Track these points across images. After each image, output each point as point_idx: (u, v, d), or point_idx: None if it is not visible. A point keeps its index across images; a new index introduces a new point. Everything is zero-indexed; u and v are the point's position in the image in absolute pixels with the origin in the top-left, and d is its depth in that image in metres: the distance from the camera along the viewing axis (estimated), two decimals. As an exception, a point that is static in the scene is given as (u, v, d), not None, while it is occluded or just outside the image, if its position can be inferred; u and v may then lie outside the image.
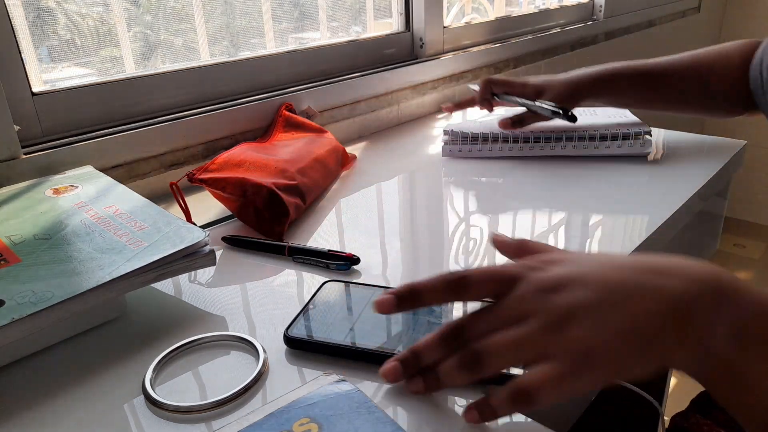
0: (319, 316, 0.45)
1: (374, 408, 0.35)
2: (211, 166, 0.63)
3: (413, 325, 0.43)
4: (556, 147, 0.78)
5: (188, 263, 0.47)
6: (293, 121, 0.82)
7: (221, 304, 0.50)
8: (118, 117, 0.73)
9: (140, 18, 0.79)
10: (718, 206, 0.84)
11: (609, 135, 0.76)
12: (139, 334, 0.46)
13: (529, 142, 0.79)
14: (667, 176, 0.71)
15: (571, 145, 0.77)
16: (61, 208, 0.54)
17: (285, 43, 0.95)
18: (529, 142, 0.79)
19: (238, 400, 0.38)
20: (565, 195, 0.69)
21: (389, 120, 1.03)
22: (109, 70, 0.76)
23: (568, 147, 0.77)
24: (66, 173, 0.63)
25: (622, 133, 0.76)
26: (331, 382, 0.37)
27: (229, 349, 0.44)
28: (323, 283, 0.49)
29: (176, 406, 0.37)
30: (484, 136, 0.81)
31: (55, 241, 0.48)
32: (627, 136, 0.76)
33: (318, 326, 0.43)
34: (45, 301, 0.40)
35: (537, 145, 0.78)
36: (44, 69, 0.70)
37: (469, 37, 1.21)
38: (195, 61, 0.83)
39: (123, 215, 0.52)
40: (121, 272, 0.43)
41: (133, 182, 0.72)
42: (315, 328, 0.43)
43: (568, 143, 0.77)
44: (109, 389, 0.40)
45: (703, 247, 0.85)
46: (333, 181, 0.77)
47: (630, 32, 1.72)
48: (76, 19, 0.73)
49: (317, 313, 0.45)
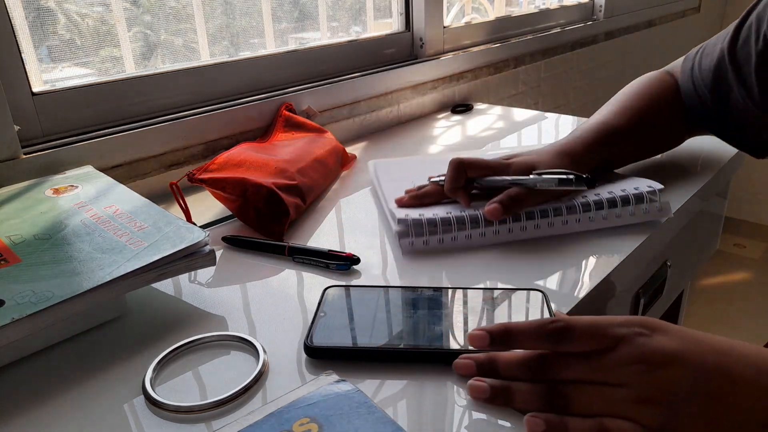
0: (333, 322, 0.44)
1: (374, 408, 0.35)
2: (211, 166, 0.63)
3: (431, 320, 0.44)
4: (555, 223, 0.58)
5: (188, 263, 0.47)
6: (293, 121, 0.82)
7: (221, 304, 0.50)
8: (118, 117, 0.73)
9: (140, 18, 0.79)
10: (718, 206, 0.84)
11: (618, 199, 0.59)
12: (139, 334, 0.46)
13: (520, 220, 0.58)
14: (667, 176, 0.71)
15: (574, 219, 0.58)
16: (61, 208, 0.54)
17: (285, 43, 0.95)
18: (520, 220, 0.58)
19: (238, 400, 0.38)
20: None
21: (389, 120, 1.03)
22: (109, 70, 0.76)
23: (571, 222, 0.58)
24: (66, 173, 0.63)
25: (633, 195, 0.59)
26: (331, 382, 0.37)
27: (229, 349, 0.44)
28: (325, 290, 0.48)
29: (176, 406, 0.37)
30: (457, 220, 0.58)
31: (55, 241, 0.48)
32: (640, 198, 0.59)
33: (337, 333, 0.43)
34: (45, 301, 0.40)
35: (531, 223, 0.58)
36: (44, 69, 0.70)
37: (469, 37, 1.21)
38: (195, 61, 0.83)
39: (123, 215, 0.52)
40: (121, 272, 0.43)
41: (133, 182, 0.71)
42: (335, 335, 0.43)
43: (571, 216, 0.58)
44: (109, 389, 0.40)
45: (704, 247, 0.85)
46: (333, 181, 0.77)
47: (630, 32, 1.72)
48: (76, 19, 0.73)
49: (331, 320, 0.44)
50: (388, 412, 0.35)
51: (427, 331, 0.43)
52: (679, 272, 0.76)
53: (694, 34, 2.16)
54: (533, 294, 0.47)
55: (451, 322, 0.44)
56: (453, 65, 1.12)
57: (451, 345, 0.42)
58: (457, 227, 0.57)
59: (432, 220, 0.57)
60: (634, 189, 0.60)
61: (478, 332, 0.39)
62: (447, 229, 0.57)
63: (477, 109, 1.11)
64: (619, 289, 0.56)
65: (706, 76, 0.68)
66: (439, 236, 0.57)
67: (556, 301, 0.48)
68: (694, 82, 0.70)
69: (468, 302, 0.47)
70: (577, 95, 1.58)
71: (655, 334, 0.36)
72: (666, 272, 0.68)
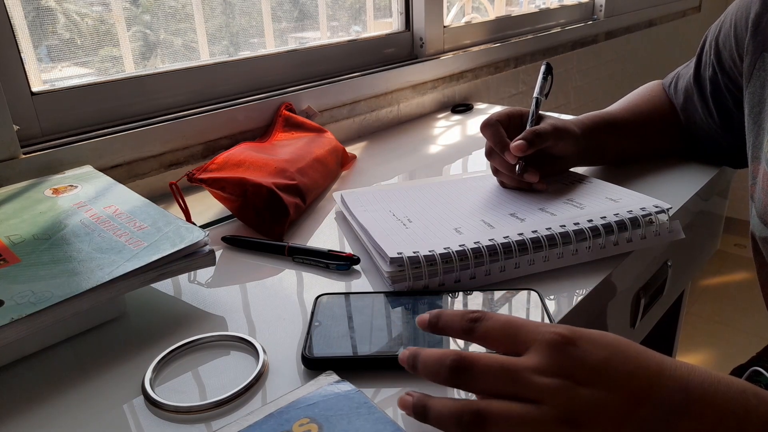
0: (329, 331, 0.43)
1: (374, 408, 0.35)
2: (210, 165, 0.63)
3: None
4: (565, 254, 0.52)
5: (188, 263, 0.47)
6: (293, 120, 0.82)
7: (221, 304, 0.50)
8: (117, 117, 0.73)
9: (139, 17, 0.79)
10: (719, 206, 0.83)
11: (627, 221, 0.54)
12: (139, 334, 0.46)
13: (527, 252, 0.51)
14: (668, 176, 0.71)
15: (584, 247, 0.53)
16: (61, 208, 0.54)
17: (285, 43, 0.95)
18: (527, 252, 0.51)
19: (237, 401, 0.38)
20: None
21: (389, 120, 1.03)
22: (108, 70, 0.76)
23: (581, 251, 0.53)
24: (65, 173, 0.63)
25: (640, 215, 0.55)
26: (330, 383, 0.37)
27: (229, 349, 0.44)
28: (317, 299, 0.47)
29: (176, 407, 0.37)
30: (459, 255, 0.50)
31: (54, 241, 0.48)
32: (649, 218, 0.55)
33: (335, 342, 0.42)
34: (44, 301, 0.40)
35: (539, 255, 0.52)
36: (43, 68, 0.70)
37: (469, 37, 1.21)
38: (194, 61, 0.83)
39: (122, 215, 0.52)
40: (121, 272, 0.43)
41: (133, 182, 0.71)
42: (333, 345, 0.42)
43: (581, 244, 0.53)
44: (109, 389, 0.40)
45: (704, 247, 0.85)
46: (333, 181, 0.77)
47: (630, 32, 1.72)
48: (76, 19, 0.73)
49: (326, 329, 0.44)
50: (388, 413, 0.35)
51: (427, 336, 0.42)
52: (680, 272, 0.76)
53: (695, 34, 2.16)
54: (532, 294, 0.47)
55: None
56: (453, 65, 1.12)
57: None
58: (460, 266, 0.49)
59: (430, 257, 0.49)
60: (641, 210, 0.55)
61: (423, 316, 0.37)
62: (448, 268, 0.49)
63: (477, 109, 1.11)
64: (620, 290, 0.56)
65: (679, 96, 0.73)
66: (440, 278, 0.49)
67: (557, 301, 0.48)
68: (672, 101, 0.75)
69: (468, 305, 0.46)
70: (577, 95, 1.58)
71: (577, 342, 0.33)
72: (666, 272, 0.68)
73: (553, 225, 0.53)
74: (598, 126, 0.68)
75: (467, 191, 0.65)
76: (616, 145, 0.71)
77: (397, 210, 0.60)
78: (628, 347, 0.33)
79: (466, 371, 0.32)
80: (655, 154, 0.76)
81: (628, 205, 0.56)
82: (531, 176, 0.61)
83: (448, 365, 0.33)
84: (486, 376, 0.32)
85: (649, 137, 0.74)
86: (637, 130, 0.72)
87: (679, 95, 0.73)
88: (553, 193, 0.62)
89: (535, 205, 0.59)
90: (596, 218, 0.54)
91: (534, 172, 0.61)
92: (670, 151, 0.76)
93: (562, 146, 0.63)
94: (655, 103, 0.75)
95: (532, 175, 0.61)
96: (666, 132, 0.74)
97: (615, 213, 0.55)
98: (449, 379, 0.33)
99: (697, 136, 0.73)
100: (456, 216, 0.58)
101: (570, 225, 0.53)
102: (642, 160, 0.75)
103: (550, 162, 0.65)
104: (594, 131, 0.68)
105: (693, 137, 0.74)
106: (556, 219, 0.55)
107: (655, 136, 0.74)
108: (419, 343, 0.42)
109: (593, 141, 0.67)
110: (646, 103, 0.75)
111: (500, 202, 0.61)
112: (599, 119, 0.69)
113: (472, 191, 0.65)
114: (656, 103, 0.75)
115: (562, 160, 0.66)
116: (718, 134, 0.70)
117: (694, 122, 0.72)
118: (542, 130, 0.61)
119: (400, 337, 0.43)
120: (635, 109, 0.73)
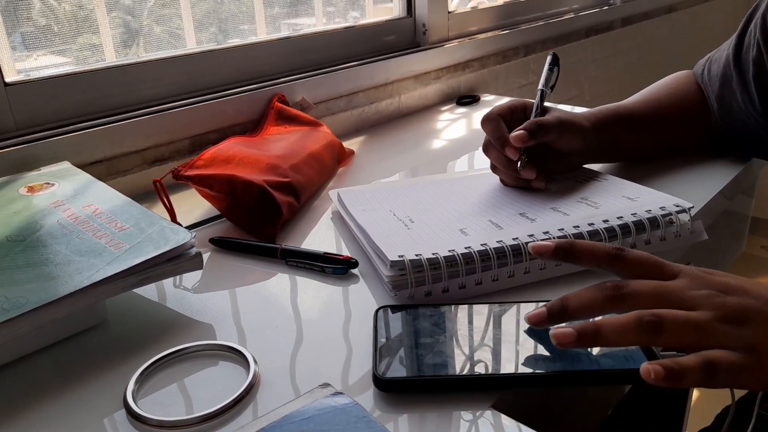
0: (400, 349, 0.42)
1: (373, 423, 0.35)
2: (197, 162, 0.63)
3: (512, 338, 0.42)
4: None
5: (173, 267, 0.47)
6: (286, 113, 0.82)
7: (209, 311, 0.50)
8: (97, 109, 0.73)
9: (120, 2, 0.79)
10: (744, 205, 0.84)
11: (645, 221, 0.53)
12: (121, 343, 0.46)
13: (532, 259, 0.51)
14: (689, 172, 0.71)
15: None
16: (36, 208, 0.54)
17: (277, 30, 0.95)
18: (532, 258, 0.51)
19: (227, 414, 0.38)
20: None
21: (389, 112, 1.03)
22: (87, 59, 0.76)
23: None
24: (41, 170, 0.63)
25: (659, 214, 0.54)
26: (326, 395, 0.37)
27: (218, 359, 0.44)
28: (377, 312, 0.46)
29: (160, 421, 0.37)
30: (465, 258, 0.49)
31: (29, 243, 0.48)
32: (669, 219, 0.55)
33: (413, 361, 0.40)
34: (19, 307, 0.40)
35: (550, 263, 0.51)
36: (18, 57, 0.70)
37: (475, 23, 1.21)
38: (180, 49, 0.83)
39: (103, 215, 0.52)
40: (101, 276, 0.43)
41: (114, 179, 0.72)
42: (412, 365, 0.40)
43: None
44: (88, 402, 0.40)
45: (729, 250, 0.85)
46: (329, 178, 0.77)
47: (649, 18, 1.72)
48: (52, 4, 0.73)
49: (395, 346, 0.42)
50: (388, 427, 0.35)
51: (496, 345, 0.41)
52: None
53: (717, 20, 2.17)
54: None
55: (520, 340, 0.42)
56: (458, 53, 1.12)
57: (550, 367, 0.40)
58: (466, 270, 0.49)
59: (434, 260, 0.48)
60: (660, 209, 0.55)
61: (542, 243, 0.43)
62: (453, 273, 0.49)
63: (484, 101, 1.11)
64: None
65: (714, 83, 0.72)
66: (444, 283, 0.48)
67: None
68: (704, 89, 0.74)
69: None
70: (591, 86, 1.58)
71: (716, 274, 0.41)
72: (688, 276, 0.68)
73: (566, 225, 0.53)
74: (611, 120, 0.68)
75: (473, 189, 0.65)
76: (631, 140, 0.71)
77: (398, 209, 0.60)
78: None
79: (624, 299, 0.39)
80: (676, 150, 0.75)
81: (646, 204, 0.56)
82: (528, 172, 0.61)
83: (610, 293, 0.39)
84: (647, 298, 0.39)
85: (668, 132, 0.73)
86: (655, 124, 0.72)
87: (714, 81, 0.72)
88: (566, 192, 0.62)
89: (546, 204, 0.59)
90: (612, 218, 0.54)
91: (531, 168, 0.61)
92: (692, 148, 0.76)
93: (566, 140, 0.63)
94: (679, 95, 0.74)
95: (530, 171, 0.61)
96: (689, 127, 0.74)
97: (632, 212, 0.55)
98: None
99: (732, 127, 0.72)
100: (461, 216, 0.58)
101: (584, 225, 0.53)
102: (661, 157, 0.75)
103: (555, 158, 0.65)
104: (606, 125, 0.67)
105: (726, 128, 0.73)
106: (569, 219, 0.55)
107: (676, 132, 0.74)
108: (495, 356, 0.41)
109: (605, 136, 0.67)
110: (668, 95, 0.74)
111: (509, 201, 0.61)
112: (613, 112, 0.69)
113: (479, 189, 0.65)
114: (680, 95, 0.74)
115: (569, 156, 0.66)
116: (757, 124, 0.69)
117: (729, 111, 0.71)
118: (545, 121, 0.61)
119: (477, 353, 0.41)
120: (654, 102, 0.73)
